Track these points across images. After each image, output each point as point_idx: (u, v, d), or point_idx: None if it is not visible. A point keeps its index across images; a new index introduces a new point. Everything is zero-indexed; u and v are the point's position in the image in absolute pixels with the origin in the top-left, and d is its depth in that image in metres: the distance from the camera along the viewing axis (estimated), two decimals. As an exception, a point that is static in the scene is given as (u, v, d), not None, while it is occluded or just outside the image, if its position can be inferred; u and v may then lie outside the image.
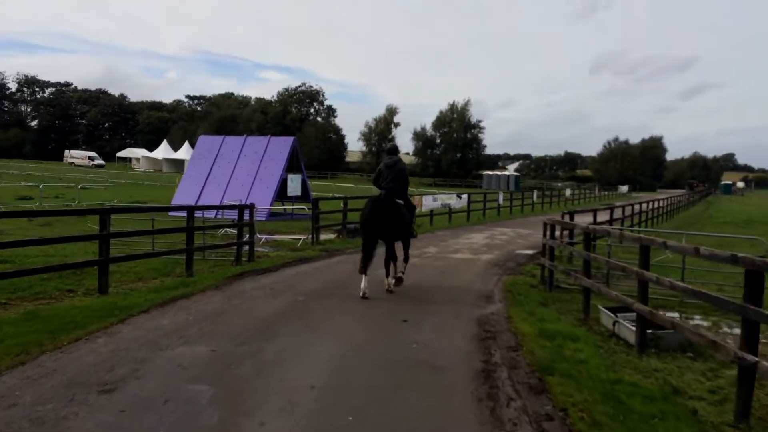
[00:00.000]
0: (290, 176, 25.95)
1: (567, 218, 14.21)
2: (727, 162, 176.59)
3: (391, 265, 10.26)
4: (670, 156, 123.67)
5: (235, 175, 26.67)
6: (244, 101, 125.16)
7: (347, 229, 19.21)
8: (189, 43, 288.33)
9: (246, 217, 13.82)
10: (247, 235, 13.69)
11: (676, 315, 9.65)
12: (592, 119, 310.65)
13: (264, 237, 18.21)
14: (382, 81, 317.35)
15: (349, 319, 8.07)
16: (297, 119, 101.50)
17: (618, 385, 5.62)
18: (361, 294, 9.50)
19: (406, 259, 10.61)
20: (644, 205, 25.87)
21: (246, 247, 13.54)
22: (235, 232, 19.17)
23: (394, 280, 10.10)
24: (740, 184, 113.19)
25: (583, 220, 16.00)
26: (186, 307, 8.55)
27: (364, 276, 9.58)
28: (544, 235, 11.64)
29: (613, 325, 7.97)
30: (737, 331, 8.96)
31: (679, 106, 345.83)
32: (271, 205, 25.36)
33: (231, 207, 15.30)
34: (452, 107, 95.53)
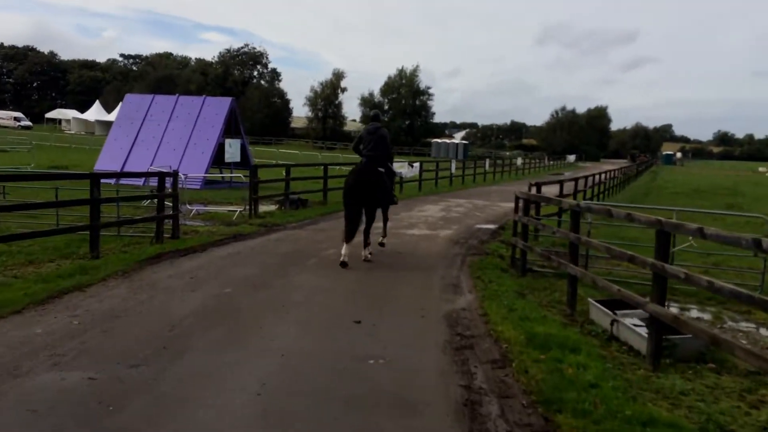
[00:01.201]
0: (228, 141, 23.66)
1: (534, 190, 12.85)
2: (665, 133, 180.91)
3: (369, 235, 10.14)
4: (613, 126, 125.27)
5: (166, 139, 24.29)
6: (184, 62, 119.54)
7: (290, 200, 17.33)
8: (127, 1, 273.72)
9: (169, 187, 11.78)
10: (172, 208, 11.70)
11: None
12: (537, 90, 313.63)
13: (195, 208, 16.17)
14: (328, 47, 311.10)
15: (287, 323, 6.32)
16: (239, 82, 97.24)
17: (652, 429, 4.11)
18: (340, 261, 9.27)
19: (385, 220, 11.00)
20: (603, 176, 24.89)
21: (169, 223, 11.56)
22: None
23: (370, 253, 10.05)
24: (678, 155, 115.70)
25: (550, 191, 14.62)
26: (75, 304, 6.63)
27: (345, 244, 9.40)
28: (516, 210, 10.12)
29: (612, 325, 6.51)
30: (745, 325, 7.72)
31: (620, 78, 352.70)
32: (206, 172, 23.14)
33: (148, 174, 13.15)
34: (401, 73, 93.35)
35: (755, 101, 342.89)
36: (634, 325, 6.41)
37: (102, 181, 19.59)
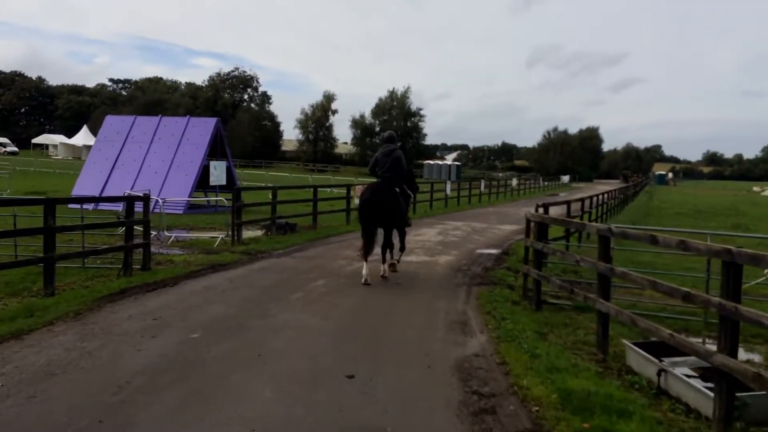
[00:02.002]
0: (213, 163, 22.63)
1: (542, 211, 11.80)
2: (655, 153, 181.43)
3: (387, 252, 10.11)
4: (605, 147, 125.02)
5: (148, 162, 23.17)
6: (174, 86, 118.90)
7: (276, 224, 16.17)
8: (119, 27, 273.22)
9: (140, 211, 10.61)
10: (142, 236, 10.52)
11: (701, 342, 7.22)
12: (527, 111, 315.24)
13: (174, 235, 14.97)
14: (319, 70, 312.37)
15: (262, 380, 5.11)
16: (230, 105, 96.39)
17: None
18: (363, 281, 9.40)
19: (402, 248, 10.69)
20: (605, 196, 23.91)
21: (140, 253, 10.37)
22: (152, 224, 15.96)
23: (389, 267, 10.08)
24: (670, 175, 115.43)
25: (556, 212, 13.53)
26: (6, 358, 5.43)
27: (365, 263, 9.52)
28: (527, 234, 9.00)
29: (659, 376, 5.36)
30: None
31: (609, 99, 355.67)
32: (190, 195, 21.99)
33: (114, 199, 11.96)
34: (392, 94, 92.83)
35: (743, 121, 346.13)
36: (687, 375, 5.28)
37: (84, 206, 18.47)
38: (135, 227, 10.46)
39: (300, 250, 13.22)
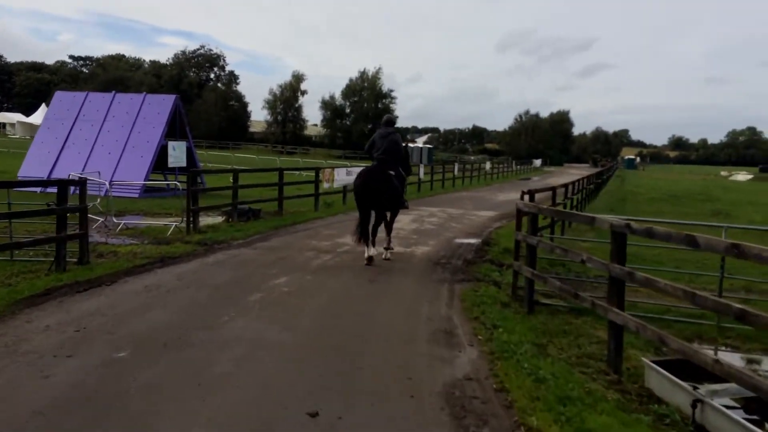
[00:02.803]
0: (172, 143, 21.05)
1: (528, 198, 10.80)
2: (623, 138, 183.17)
3: (376, 233, 9.99)
4: (575, 131, 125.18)
5: (101, 141, 21.57)
6: (137, 64, 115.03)
7: (238, 210, 14.90)
8: (83, 4, 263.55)
9: (75, 197, 9.28)
10: (78, 226, 9.19)
11: (729, 352, 6.31)
12: (498, 95, 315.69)
13: (123, 222, 13.59)
14: (290, 52, 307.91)
15: (198, 423, 3.96)
16: (195, 84, 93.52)
17: None
18: (365, 261, 9.52)
19: (389, 232, 10.59)
20: (584, 182, 23.09)
21: (78, 244, 9.06)
22: (101, 209, 14.56)
23: (385, 251, 10.24)
24: (638, 159, 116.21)
25: (539, 198, 12.52)
26: None
27: (366, 247, 9.68)
28: (518, 227, 7.95)
29: (694, 407, 4.36)
30: None
31: (578, 84, 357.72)
32: (146, 178, 20.49)
33: (43, 183, 10.55)
34: (363, 75, 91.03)
35: (707, 107, 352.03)
36: (726, 407, 4.29)
37: (34, 189, 16.83)
38: (77, 215, 9.13)
39: (263, 239, 12.01)
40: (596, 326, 6.90)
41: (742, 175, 72.20)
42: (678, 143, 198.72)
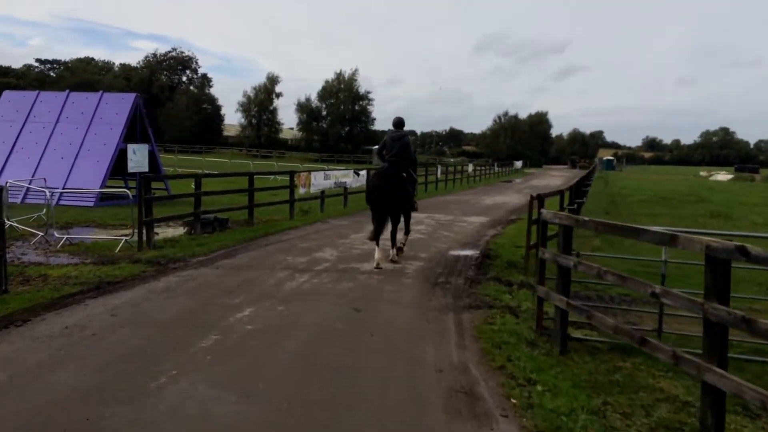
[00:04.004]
0: (132, 146, 19.19)
1: (537, 204, 9.31)
2: (598, 139, 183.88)
3: (395, 236, 10.12)
4: (552, 132, 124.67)
5: (53, 145, 19.62)
6: (106, 67, 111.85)
7: (202, 221, 13.13)
8: (54, 8, 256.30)
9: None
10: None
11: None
12: (475, 98, 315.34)
13: (65, 237, 11.73)
14: (266, 55, 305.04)
15: None
16: (166, 87, 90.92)
17: None
18: (374, 266, 9.30)
19: (407, 232, 10.71)
20: (580, 184, 21.66)
21: (-13, 269, 7.26)
22: (48, 220, 12.64)
23: (397, 251, 10.20)
24: (615, 161, 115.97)
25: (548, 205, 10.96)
26: None
27: (376, 248, 9.49)
28: (541, 242, 6.33)
29: None
30: None
31: (553, 86, 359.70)
32: (103, 184, 18.58)
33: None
34: (339, 77, 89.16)
35: (680, 108, 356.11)
36: None
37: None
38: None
39: (228, 255, 10.27)
40: (652, 371, 5.32)
41: (722, 175, 71.86)
42: (652, 144, 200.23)
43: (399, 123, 10.44)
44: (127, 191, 13.56)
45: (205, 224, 13.28)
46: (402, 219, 10.33)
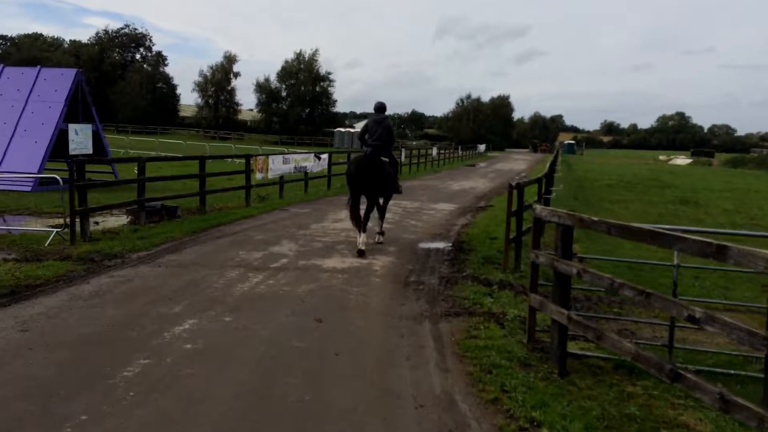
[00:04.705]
0: (74, 126, 17.74)
1: (516, 193, 8.47)
2: (558, 123, 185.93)
3: (368, 219, 9.82)
4: (515, 116, 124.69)
5: (-16, 124, 17.88)
6: (55, 43, 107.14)
7: (148, 209, 11.93)
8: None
9: None
10: None
11: None
12: (436, 81, 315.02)
13: (-11, 228, 10.41)
14: (224, 35, 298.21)
15: None
16: (119, 65, 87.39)
17: None
18: (358, 247, 9.25)
19: (382, 216, 10.75)
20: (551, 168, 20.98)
21: None
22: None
23: (377, 236, 10.40)
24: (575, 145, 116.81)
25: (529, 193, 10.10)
26: None
27: (359, 232, 9.46)
28: (535, 243, 5.42)
29: None
30: None
31: (513, 70, 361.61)
32: (41, 167, 17.07)
33: None
34: (299, 57, 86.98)
35: (636, 93, 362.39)
36: None
37: None
38: None
39: (173, 249, 9.16)
40: (669, 398, 4.50)
41: (681, 160, 72.85)
42: (610, 128, 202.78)
43: (381, 107, 10.41)
44: (56, 176, 12.15)
45: (151, 213, 12.09)
46: (382, 203, 10.51)
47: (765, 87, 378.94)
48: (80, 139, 17.82)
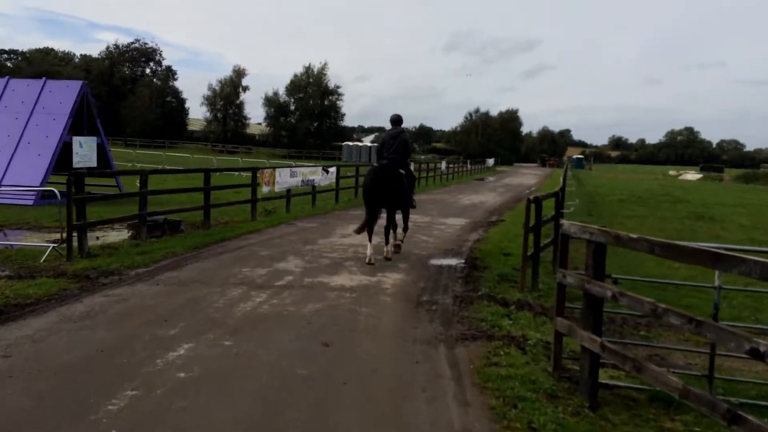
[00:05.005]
0: (78, 139, 17.46)
1: (534, 207, 8.05)
2: (566, 138, 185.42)
3: (390, 233, 9.98)
4: (522, 130, 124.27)
5: (-12, 137, 17.64)
6: (66, 58, 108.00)
7: (149, 223, 11.55)
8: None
9: None
10: None
11: None
12: (444, 95, 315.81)
13: (-16, 243, 10.05)
14: (234, 49, 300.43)
15: None
16: (128, 80, 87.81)
17: None
18: (366, 260, 9.31)
19: (405, 229, 10.78)
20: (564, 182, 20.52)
21: None
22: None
23: (393, 248, 10.12)
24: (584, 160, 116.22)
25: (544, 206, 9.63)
26: None
27: (368, 244, 9.55)
28: (562, 262, 4.98)
29: None
30: None
31: (521, 85, 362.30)
32: (44, 180, 16.80)
33: None
34: (308, 70, 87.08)
35: (644, 108, 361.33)
36: None
37: None
38: None
39: (174, 266, 8.75)
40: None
41: (691, 175, 72.16)
42: (618, 143, 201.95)
43: (397, 120, 10.34)
44: (54, 189, 11.82)
45: (153, 227, 11.71)
46: (401, 215, 10.49)
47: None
48: (84, 151, 17.53)
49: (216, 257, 9.58)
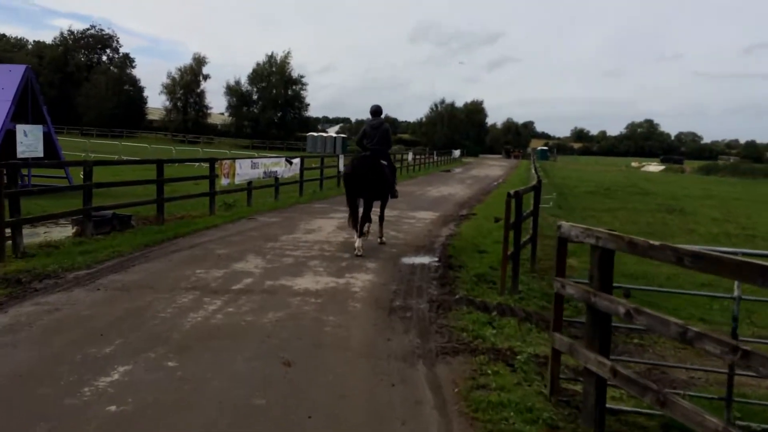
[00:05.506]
0: (22, 127, 16.26)
1: (514, 203, 7.45)
2: (529, 129, 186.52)
3: (366, 224, 9.98)
4: (488, 122, 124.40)
5: None
6: (19, 44, 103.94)
7: (96, 219, 10.60)
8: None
9: None
10: None
11: None
12: (409, 86, 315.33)
13: None
14: (196, 38, 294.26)
15: None
16: (84, 67, 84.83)
17: None
18: (355, 252, 9.28)
19: (381, 218, 10.84)
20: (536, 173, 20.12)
21: None
22: None
23: (379, 239, 10.55)
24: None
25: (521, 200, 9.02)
26: None
27: (356, 236, 9.57)
28: (559, 270, 4.33)
29: None
30: None
31: (485, 77, 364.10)
32: (-17, 172, 15.47)
33: None
34: (271, 59, 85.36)
35: (605, 100, 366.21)
36: None
37: None
38: None
39: (119, 268, 7.89)
40: None
41: (654, 166, 73.08)
42: (580, 135, 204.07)
43: (377, 111, 10.33)
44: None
45: (100, 223, 10.76)
46: (380, 208, 10.59)
47: (731, 95, 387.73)
48: (30, 141, 16.35)
49: (167, 257, 8.73)
